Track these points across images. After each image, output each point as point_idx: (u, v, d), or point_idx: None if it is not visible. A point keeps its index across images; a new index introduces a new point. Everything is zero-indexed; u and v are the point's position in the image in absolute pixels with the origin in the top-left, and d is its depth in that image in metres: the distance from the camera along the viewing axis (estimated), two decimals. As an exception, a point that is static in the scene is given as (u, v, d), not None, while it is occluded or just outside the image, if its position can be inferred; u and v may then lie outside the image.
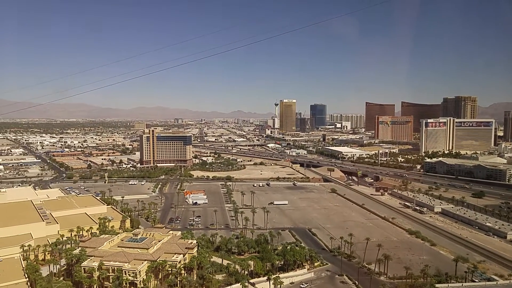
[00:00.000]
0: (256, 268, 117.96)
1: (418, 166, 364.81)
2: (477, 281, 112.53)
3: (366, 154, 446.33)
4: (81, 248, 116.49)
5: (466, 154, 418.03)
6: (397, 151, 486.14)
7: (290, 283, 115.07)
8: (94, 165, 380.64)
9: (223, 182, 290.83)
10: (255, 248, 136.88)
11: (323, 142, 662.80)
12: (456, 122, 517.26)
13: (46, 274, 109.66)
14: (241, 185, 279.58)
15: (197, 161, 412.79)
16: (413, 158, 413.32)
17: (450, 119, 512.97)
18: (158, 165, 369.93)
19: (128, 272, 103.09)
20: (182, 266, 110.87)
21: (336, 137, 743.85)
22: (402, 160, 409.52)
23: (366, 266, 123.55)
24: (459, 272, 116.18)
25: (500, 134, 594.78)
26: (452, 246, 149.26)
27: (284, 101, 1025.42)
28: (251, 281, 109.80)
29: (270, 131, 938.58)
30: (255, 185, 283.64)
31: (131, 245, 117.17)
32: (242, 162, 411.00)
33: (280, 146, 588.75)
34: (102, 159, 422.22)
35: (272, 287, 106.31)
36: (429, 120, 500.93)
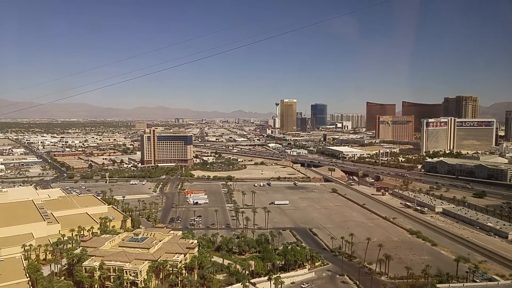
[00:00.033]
0: (257, 268, 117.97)
1: (419, 166, 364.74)
2: (478, 281, 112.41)
3: (367, 154, 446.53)
4: (82, 247, 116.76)
5: (467, 154, 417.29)
6: (398, 151, 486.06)
7: (291, 283, 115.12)
8: (95, 165, 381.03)
9: (224, 182, 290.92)
10: (256, 248, 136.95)
11: (324, 142, 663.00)
12: (457, 121, 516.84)
13: (47, 274, 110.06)
14: (242, 185, 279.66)
15: (198, 161, 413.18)
16: (414, 158, 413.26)
17: (451, 119, 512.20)
18: (159, 165, 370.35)
19: (129, 272, 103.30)
20: (183, 266, 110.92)
21: (337, 136, 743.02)
22: (403, 160, 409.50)
23: (367, 266, 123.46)
24: (460, 272, 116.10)
25: (501, 134, 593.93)
26: (453, 246, 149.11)
27: (284, 101, 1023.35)
28: (252, 281, 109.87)
29: (271, 131, 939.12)
30: (256, 185, 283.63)
31: (132, 245, 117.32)
32: (243, 162, 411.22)
33: (281, 146, 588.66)
34: (103, 159, 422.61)
35: (273, 287, 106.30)
36: (430, 120, 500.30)
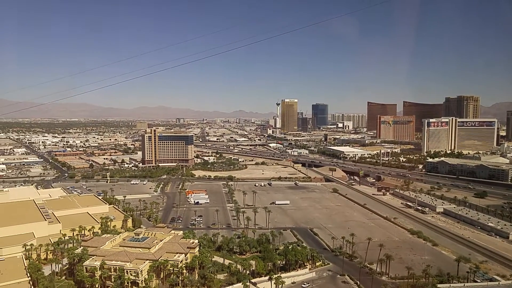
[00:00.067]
0: (257, 267, 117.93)
1: (420, 166, 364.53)
2: (479, 281, 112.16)
3: (368, 154, 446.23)
4: (83, 247, 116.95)
5: (468, 154, 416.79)
6: (399, 151, 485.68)
7: (292, 283, 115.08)
8: (96, 164, 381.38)
9: (225, 182, 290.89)
10: (257, 247, 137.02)
11: (325, 142, 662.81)
12: (458, 121, 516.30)
13: (48, 273, 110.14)
14: (242, 184, 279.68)
15: (198, 160, 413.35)
16: (415, 158, 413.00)
17: (452, 119, 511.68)
18: (160, 164, 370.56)
19: (130, 271, 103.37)
20: (184, 265, 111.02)
21: (337, 136, 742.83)
22: (404, 160, 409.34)
23: (368, 266, 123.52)
24: (461, 272, 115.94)
25: (502, 134, 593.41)
26: (454, 246, 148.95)
27: (285, 100, 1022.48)
28: (253, 280, 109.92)
29: (272, 131, 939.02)
30: (257, 184, 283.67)
31: (133, 244, 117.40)
32: (243, 161, 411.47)
33: (281, 146, 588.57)
34: (104, 159, 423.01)
35: (273, 287, 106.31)
36: (431, 119, 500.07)
